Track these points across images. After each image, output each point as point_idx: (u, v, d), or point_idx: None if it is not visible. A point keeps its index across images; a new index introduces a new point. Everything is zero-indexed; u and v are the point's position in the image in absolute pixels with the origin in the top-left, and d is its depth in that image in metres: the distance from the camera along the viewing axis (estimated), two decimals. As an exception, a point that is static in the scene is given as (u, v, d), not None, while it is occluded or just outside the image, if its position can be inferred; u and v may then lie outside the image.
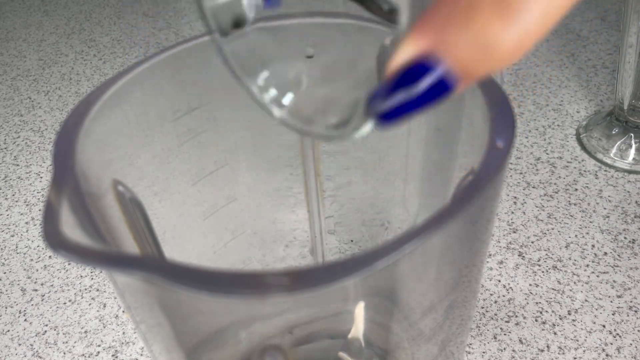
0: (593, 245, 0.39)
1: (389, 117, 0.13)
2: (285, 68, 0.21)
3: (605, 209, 0.41)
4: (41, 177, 0.49)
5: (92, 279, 0.39)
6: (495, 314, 0.35)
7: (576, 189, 0.43)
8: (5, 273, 0.41)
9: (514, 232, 0.40)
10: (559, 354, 0.33)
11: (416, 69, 0.12)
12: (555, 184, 0.43)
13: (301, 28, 0.23)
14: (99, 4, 0.76)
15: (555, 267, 0.37)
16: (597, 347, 0.33)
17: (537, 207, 0.42)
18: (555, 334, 0.34)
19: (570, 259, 0.38)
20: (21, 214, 0.45)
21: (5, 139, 0.53)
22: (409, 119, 0.14)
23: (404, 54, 0.12)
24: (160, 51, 0.24)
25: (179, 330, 0.22)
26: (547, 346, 0.33)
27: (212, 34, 0.19)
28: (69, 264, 0.41)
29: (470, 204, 0.17)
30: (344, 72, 0.21)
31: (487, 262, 0.38)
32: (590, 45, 0.59)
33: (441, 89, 0.12)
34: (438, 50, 0.12)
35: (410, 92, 0.12)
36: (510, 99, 0.51)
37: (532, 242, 0.39)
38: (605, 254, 0.38)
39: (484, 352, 0.33)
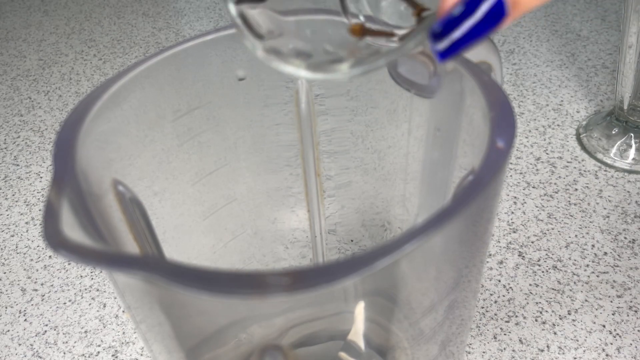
0: (593, 245, 0.39)
1: (449, 52, 0.15)
2: (294, 37, 0.21)
3: (605, 209, 0.41)
4: (41, 177, 0.49)
5: (92, 279, 0.39)
6: (495, 314, 0.35)
7: (576, 189, 0.43)
8: (5, 273, 0.41)
9: (514, 232, 0.40)
10: (559, 354, 0.33)
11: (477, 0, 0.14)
12: (555, 184, 0.43)
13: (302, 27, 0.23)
14: (99, 4, 0.76)
15: (555, 267, 0.37)
16: (597, 347, 0.33)
17: (537, 207, 0.42)
18: (555, 334, 0.34)
19: (570, 259, 0.38)
20: (21, 214, 0.45)
21: (5, 139, 0.53)
22: (464, 51, 0.15)
23: None
24: (160, 51, 0.24)
25: (179, 330, 0.22)
26: (547, 346, 0.33)
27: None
28: (69, 264, 0.41)
29: (470, 204, 0.17)
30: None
31: (487, 262, 0.38)
32: (590, 45, 0.59)
33: (497, 15, 0.14)
34: None
35: (470, 20, 0.14)
36: (510, 99, 0.51)
37: (532, 242, 0.39)
38: (605, 254, 0.38)
39: (484, 352, 0.33)
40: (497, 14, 0.14)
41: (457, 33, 0.15)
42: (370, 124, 0.30)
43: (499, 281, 0.37)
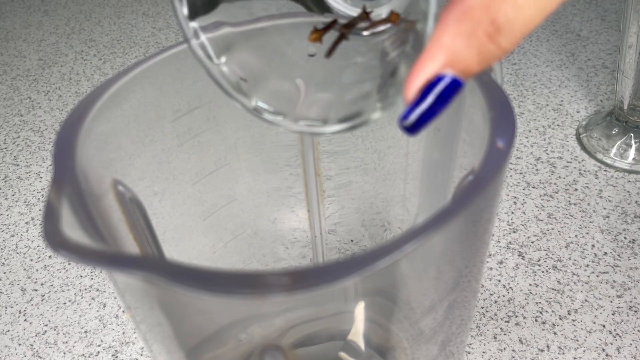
0: (593, 245, 0.39)
1: (417, 126, 0.17)
2: (281, 81, 0.21)
3: (605, 209, 0.41)
4: (41, 177, 0.49)
5: (92, 279, 0.39)
6: (495, 314, 0.35)
7: (576, 189, 0.43)
8: (5, 273, 0.41)
9: (514, 232, 0.40)
10: (559, 354, 0.33)
11: (434, 82, 0.16)
12: (555, 184, 0.43)
13: (301, 27, 0.23)
14: (99, 4, 0.76)
15: (555, 267, 0.37)
16: (597, 347, 0.33)
17: (537, 207, 0.42)
18: (555, 334, 0.34)
19: (570, 259, 0.38)
20: (21, 214, 0.45)
21: (5, 139, 0.53)
22: (432, 122, 0.17)
23: (424, 74, 0.16)
24: (160, 51, 0.24)
25: (179, 330, 0.22)
26: (547, 346, 0.33)
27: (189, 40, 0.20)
28: (69, 264, 0.41)
29: (470, 204, 0.17)
30: (343, 70, 0.21)
31: (487, 262, 0.38)
32: (590, 45, 0.59)
33: (454, 89, 0.16)
34: (450, 65, 0.16)
35: (432, 98, 0.16)
36: (510, 99, 0.51)
37: (532, 242, 0.39)
38: (605, 254, 0.38)
39: (484, 352, 0.33)
40: (453, 88, 0.16)
41: (416, 114, 0.17)
42: (370, 124, 0.30)
43: (499, 281, 0.37)
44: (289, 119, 0.20)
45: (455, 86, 0.16)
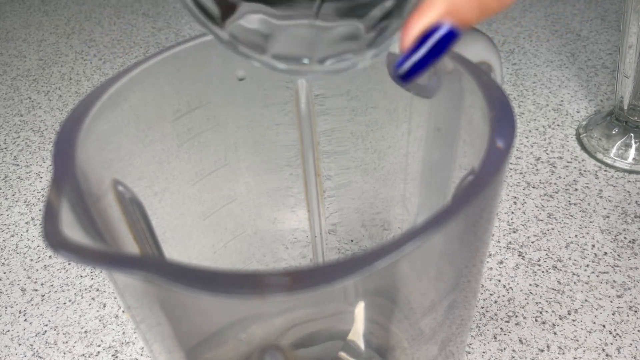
0: (593, 245, 0.39)
1: (410, 74, 0.17)
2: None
3: (605, 209, 0.41)
4: (41, 177, 0.49)
5: (92, 279, 0.39)
6: (495, 314, 0.35)
7: (576, 189, 0.43)
8: (5, 273, 0.41)
9: (514, 232, 0.40)
10: (559, 354, 0.33)
11: (432, 30, 0.17)
12: (555, 184, 0.43)
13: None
14: (99, 4, 0.76)
15: (555, 267, 0.37)
16: (597, 347, 0.33)
17: (537, 207, 0.42)
18: (555, 334, 0.34)
19: (570, 259, 0.38)
20: (21, 214, 0.45)
21: (5, 139, 0.53)
22: (426, 71, 0.18)
23: (423, 22, 0.16)
24: (160, 51, 0.24)
25: (179, 330, 0.22)
26: (547, 346, 0.33)
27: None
28: (69, 264, 0.41)
29: (470, 204, 0.17)
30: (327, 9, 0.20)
31: (487, 262, 0.38)
32: (590, 45, 0.59)
33: (450, 39, 0.17)
34: (449, 15, 0.16)
35: (428, 47, 0.17)
36: (510, 99, 0.51)
37: (532, 242, 0.39)
38: (605, 254, 0.38)
39: (484, 352, 0.33)
40: (450, 38, 0.17)
41: (411, 62, 0.17)
42: (370, 124, 0.30)
43: (499, 281, 0.37)
44: (268, 55, 0.19)
45: (451, 36, 0.17)
